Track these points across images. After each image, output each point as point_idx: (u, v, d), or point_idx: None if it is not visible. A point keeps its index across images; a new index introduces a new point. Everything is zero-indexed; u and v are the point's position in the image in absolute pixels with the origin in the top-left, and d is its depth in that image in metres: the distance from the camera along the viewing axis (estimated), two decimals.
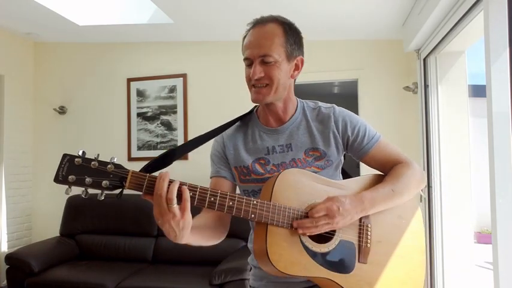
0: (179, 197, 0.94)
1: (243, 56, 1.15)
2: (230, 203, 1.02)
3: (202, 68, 3.87)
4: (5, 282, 3.21)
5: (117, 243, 3.56)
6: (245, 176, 1.20)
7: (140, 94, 3.98)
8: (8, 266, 3.18)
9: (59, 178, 0.93)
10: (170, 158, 1.11)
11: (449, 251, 2.81)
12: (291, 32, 1.15)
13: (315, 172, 1.16)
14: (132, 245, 3.53)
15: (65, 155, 0.94)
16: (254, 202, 1.04)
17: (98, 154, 0.95)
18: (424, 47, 2.96)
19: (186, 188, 0.95)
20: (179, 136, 3.86)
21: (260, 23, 1.14)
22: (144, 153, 3.94)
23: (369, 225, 1.14)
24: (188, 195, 0.95)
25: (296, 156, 1.18)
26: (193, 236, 1.01)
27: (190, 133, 3.84)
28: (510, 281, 1.68)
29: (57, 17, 3.30)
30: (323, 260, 1.07)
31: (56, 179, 0.93)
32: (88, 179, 0.93)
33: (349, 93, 4.74)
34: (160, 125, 3.93)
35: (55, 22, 3.45)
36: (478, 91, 4.81)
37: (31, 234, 4.09)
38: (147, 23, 3.44)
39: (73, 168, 0.93)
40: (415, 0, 2.72)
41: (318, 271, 1.06)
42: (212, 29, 3.56)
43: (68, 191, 0.94)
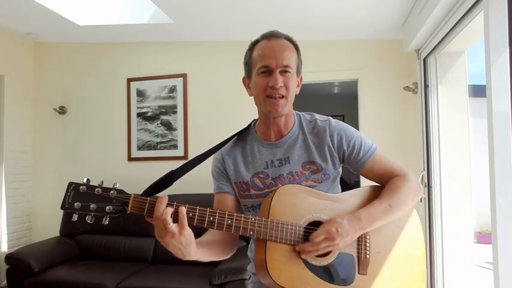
0: (176, 217, 0.99)
1: (260, 64, 1.15)
2: (229, 222, 1.05)
3: (202, 68, 3.87)
4: (5, 282, 3.21)
5: (117, 243, 3.56)
6: (244, 192, 1.23)
7: (140, 94, 3.98)
8: (8, 266, 3.18)
9: (66, 206, 0.99)
10: (170, 180, 1.14)
11: (449, 251, 2.81)
12: (299, 52, 1.22)
13: (312, 187, 1.18)
14: (132, 245, 3.53)
15: (71, 183, 1.00)
16: (252, 219, 1.07)
17: (102, 181, 1.02)
18: (424, 47, 2.96)
19: (182, 206, 1.00)
20: (179, 136, 3.85)
21: (277, 37, 1.19)
22: (144, 153, 3.94)
23: (368, 236, 1.15)
24: (184, 211, 0.99)
25: (293, 169, 1.20)
26: (201, 252, 1.06)
27: (190, 133, 3.83)
28: (510, 281, 1.68)
29: (57, 17, 3.31)
30: (323, 274, 1.08)
31: (63, 207, 0.99)
32: (93, 205, 0.99)
33: (349, 93, 4.76)
34: (160, 125, 3.93)
35: (55, 22, 3.45)
36: (478, 91, 4.80)
37: (31, 234, 4.09)
38: (147, 23, 3.44)
39: (78, 195, 0.99)
40: (415, 0, 2.72)
41: (319, 285, 1.07)
42: (212, 29, 3.56)
43: (74, 217, 1.00)
